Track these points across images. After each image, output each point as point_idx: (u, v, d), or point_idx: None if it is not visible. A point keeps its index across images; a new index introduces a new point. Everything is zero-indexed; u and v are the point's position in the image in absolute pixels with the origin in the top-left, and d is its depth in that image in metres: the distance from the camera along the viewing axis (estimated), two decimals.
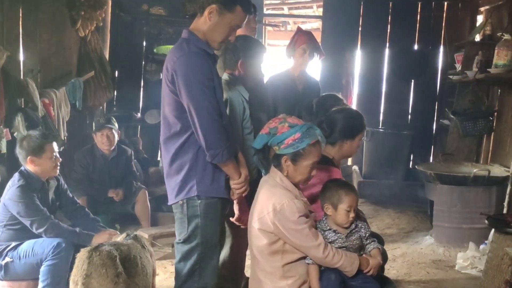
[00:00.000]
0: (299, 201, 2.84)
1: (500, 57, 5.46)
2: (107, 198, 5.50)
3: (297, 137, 2.83)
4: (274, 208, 2.79)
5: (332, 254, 2.82)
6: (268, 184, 2.93)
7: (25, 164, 3.99)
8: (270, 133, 2.87)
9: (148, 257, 3.10)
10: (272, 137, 2.86)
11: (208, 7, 2.94)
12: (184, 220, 2.98)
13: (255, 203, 2.94)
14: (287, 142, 2.84)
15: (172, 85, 2.88)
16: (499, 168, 5.77)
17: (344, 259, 2.84)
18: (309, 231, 2.80)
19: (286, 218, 2.78)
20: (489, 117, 6.24)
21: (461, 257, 5.02)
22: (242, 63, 3.51)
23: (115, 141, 5.65)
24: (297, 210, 2.78)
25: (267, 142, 2.88)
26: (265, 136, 2.88)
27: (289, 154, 2.85)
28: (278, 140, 2.85)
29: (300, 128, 2.85)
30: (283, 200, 2.80)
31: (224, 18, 2.96)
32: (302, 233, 2.79)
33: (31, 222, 3.81)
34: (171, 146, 2.98)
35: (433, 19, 7.97)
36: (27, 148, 3.95)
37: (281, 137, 2.84)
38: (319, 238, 2.84)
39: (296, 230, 2.79)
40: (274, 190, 2.87)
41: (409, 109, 8.21)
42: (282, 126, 2.87)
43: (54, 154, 4.02)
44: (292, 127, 2.86)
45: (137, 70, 7.60)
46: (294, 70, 4.76)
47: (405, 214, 6.77)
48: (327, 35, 8.11)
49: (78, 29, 6.27)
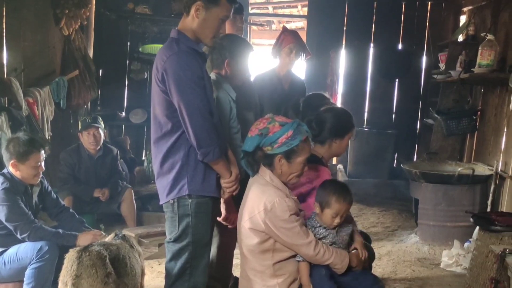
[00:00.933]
0: (290, 199, 2.85)
1: (483, 57, 5.51)
2: (93, 198, 5.46)
3: (290, 134, 2.84)
4: (265, 207, 2.80)
5: (323, 251, 2.84)
6: (258, 183, 2.93)
7: (8, 166, 3.94)
8: (262, 134, 2.86)
9: (137, 256, 3.09)
10: (264, 138, 2.86)
11: (193, 5, 2.93)
12: (175, 219, 2.97)
13: (245, 202, 2.94)
14: (281, 141, 2.84)
15: (162, 84, 2.87)
16: (482, 166, 5.84)
17: (334, 256, 2.87)
18: (300, 229, 2.81)
19: (277, 216, 2.79)
20: (473, 116, 6.29)
21: (446, 255, 5.07)
22: (228, 62, 3.49)
23: (101, 140, 5.61)
24: (288, 209, 2.79)
25: (258, 144, 2.87)
26: (257, 138, 2.87)
27: (283, 153, 2.86)
28: (271, 140, 2.85)
29: (291, 126, 2.87)
30: (274, 198, 2.80)
31: (211, 12, 2.95)
32: (293, 231, 2.80)
33: (14, 227, 3.77)
34: (162, 146, 2.96)
35: (417, 19, 8.05)
36: (12, 152, 3.88)
37: (274, 136, 2.85)
38: (310, 235, 2.85)
39: (287, 228, 2.79)
40: (264, 188, 2.87)
41: (393, 108, 8.28)
42: (273, 125, 2.87)
43: (38, 163, 3.93)
44: (283, 125, 2.87)
45: (122, 69, 7.55)
46: (280, 70, 4.76)
47: (390, 212, 6.82)
48: (312, 34, 8.14)
49: (62, 27, 6.22)
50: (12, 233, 3.79)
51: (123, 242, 3.04)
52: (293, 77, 4.90)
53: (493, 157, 5.77)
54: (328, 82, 8.02)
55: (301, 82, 5.04)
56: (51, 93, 5.75)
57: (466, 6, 7.29)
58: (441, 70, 6.81)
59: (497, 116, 5.83)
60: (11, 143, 3.92)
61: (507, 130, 5.53)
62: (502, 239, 4.21)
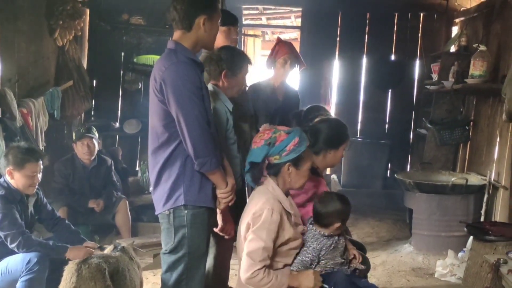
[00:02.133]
0: (278, 215, 2.82)
1: (476, 67, 5.57)
2: (88, 209, 5.44)
3: (297, 141, 2.88)
4: (255, 212, 2.82)
5: (260, 278, 2.76)
6: (260, 193, 2.94)
7: (4, 174, 3.94)
8: (270, 143, 2.88)
9: (136, 269, 3.08)
10: (272, 147, 2.88)
11: (197, 19, 2.93)
12: (171, 230, 2.96)
13: (245, 211, 2.95)
14: (289, 149, 2.87)
15: (161, 94, 2.87)
16: (475, 176, 5.87)
17: (272, 283, 2.79)
18: (262, 250, 2.76)
19: (258, 222, 2.80)
20: (466, 126, 6.34)
21: (440, 264, 5.08)
22: (225, 74, 3.51)
23: (95, 150, 5.60)
24: (269, 222, 2.78)
25: (266, 154, 2.89)
26: (265, 148, 2.88)
27: (291, 160, 2.88)
28: (279, 149, 2.87)
29: (297, 132, 2.91)
30: (265, 207, 2.81)
31: (214, 20, 3.00)
32: (256, 243, 2.77)
33: (5, 236, 3.76)
34: (159, 156, 2.96)
35: (409, 29, 8.11)
36: (9, 159, 3.90)
37: (282, 145, 2.87)
38: (261, 263, 2.77)
39: (254, 237, 2.78)
40: (262, 197, 2.88)
41: (387, 119, 8.31)
42: (279, 134, 2.90)
43: (34, 173, 3.93)
44: (289, 133, 2.90)
45: (116, 80, 7.54)
46: (274, 80, 4.79)
47: (384, 222, 6.84)
48: (305, 45, 8.19)
49: (56, 38, 6.22)
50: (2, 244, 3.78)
51: (123, 254, 3.03)
52: (287, 88, 4.93)
53: (486, 167, 5.80)
54: (322, 92, 8.07)
55: (295, 92, 5.07)
56: (45, 103, 5.74)
57: (458, 17, 7.38)
58: (434, 81, 6.86)
59: (489, 126, 5.87)
60: (11, 151, 3.94)
61: (500, 140, 5.57)
62: (496, 248, 4.25)
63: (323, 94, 8.06)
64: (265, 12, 9.43)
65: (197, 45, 3.00)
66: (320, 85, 8.06)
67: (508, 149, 5.23)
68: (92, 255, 2.87)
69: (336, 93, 8.28)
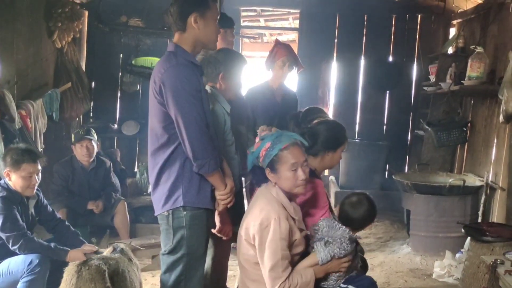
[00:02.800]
0: (287, 222, 2.82)
1: (473, 69, 5.59)
2: (87, 210, 5.45)
3: (268, 146, 2.89)
4: (261, 223, 2.80)
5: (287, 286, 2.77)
6: (264, 197, 2.93)
7: (4, 176, 3.95)
8: (251, 152, 2.95)
9: (135, 270, 3.10)
10: (251, 155, 2.94)
11: (189, 18, 2.96)
12: (170, 231, 2.98)
13: (248, 213, 2.95)
14: (262, 154, 2.91)
15: (160, 96, 2.90)
16: (473, 177, 5.90)
17: (299, 285, 2.81)
18: (281, 261, 2.76)
19: (268, 234, 2.78)
20: (463, 127, 6.36)
21: (438, 265, 5.10)
22: (223, 76, 3.54)
23: (94, 152, 5.61)
24: (280, 232, 2.77)
25: (252, 161, 2.94)
26: (250, 157, 2.95)
27: (268, 165, 2.90)
28: (255, 156, 2.93)
29: (270, 137, 2.91)
30: (272, 216, 2.80)
31: (208, 17, 3.01)
32: (273, 257, 2.76)
33: (7, 238, 3.77)
34: (159, 158, 2.99)
35: (407, 31, 8.13)
36: (7, 161, 3.91)
37: (256, 152, 2.92)
38: (285, 273, 2.78)
39: (270, 250, 2.76)
40: (267, 204, 2.87)
41: (385, 120, 8.32)
42: (258, 142, 2.95)
43: (30, 174, 3.92)
44: (263, 139, 2.93)
45: (114, 82, 7.56)
46: (273, 82, 4.81)
47: (382, 223, 6.85)
48: (303, 46, 8.21)
49: (55, 40, 6.25)
50: (3, 245, 3.79)
51: (122, 256, 3.05)
52: (285, 89, 4.95)
53: (484, 168, 5.83)
54: (320, 94, 8.07)
55: (293, 94, 5.09)
56: (44, 105, 5.76)
57: (455, 19, 7.41)
58: (431, 82, 6.88)
59: (487, 128, 5.90)
60: (9, 152, 3.95)
61: (497, 141, 5.60)
62: (493, 249, 4.26)
63: (321, 96, 8.06)
64: (263, 14, 9.44)
65: (196, 45, 3.02)
66: (318, 87, 8.06)
67: (505, 150, 5.26)
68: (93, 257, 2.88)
69: (334, 94, 8.29)
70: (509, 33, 5.40)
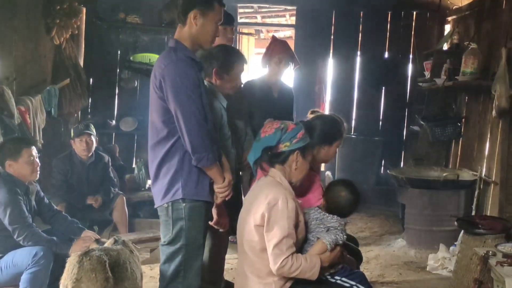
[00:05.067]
0: (294, 201, 2.89)
1: (467, 65, 5.66)
2: (86, 205, 5.51)
3: (303, 133, 3.01)
4: (269, 202, 2.85)
5: (290, 265, 2.80)
6: (267, 183, 2.98)
7: (4, 169, 4.02)
8: (282, 129, 2.96)
9: (136, 261, 3.17)
10: (284, 133, 2.96)
11: (190, 13, 3.04)
12: (169, 223, 3.05)
13: (254, 199, 2.97)
14: (299, 136, 2.98)
15: (160, 91, 2.97)
16: (467, 172, 5.97)
17: (303, 266, 2.84)
18: (286, 239, 2.80)
19: (277, 212, 2.82)
20: (457, 123, 6.44)
21: (432, 258, 5.19)
22: (216, 71, 3.60)
23: (93, 147, 5.67)
24: (287, 209, 2.82)
25: (279, 138, 2.95)
26: (278, 133, 2.96)
27: (301, 148, 2.99)
28: (291, 135, 2.97)
29: (302, 127, 3.04)
30: (279, 196, 2.85)
31: (208, 17, 3.08)
32: (280, 232, 2.79)
33: (13, 229, 3.84)
34: (158, 151, 3.06)
35: (402, 28, 8.19)
36: (5, 153, 3.99)
37: (293, 132, 2.97)
38: (289, 250, 2.81)
39: (278, 226, 2.80)
40: (273, 187, 2.93)
41: (380, 116, 8.38)
42: (289, 124, 3.01)
43: (32, 158, 4.05)
44: (297, 125, 3.03)
45: (112, 78, 7.61)
46: (269, 78, 4.86)
47: (378, 217, 6.95)
48: (299, 43, 8.27)
49: (53, 37, 6.26)
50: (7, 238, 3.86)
51: (124, 247, 3.13)
52: (282, 85, 5.00)
53: (478, 163, 5.90)
54: (316, 90, 8.16)
55: (290, 89, 5.15)
56: (43, 101, 5.80)
57: (450, 16, 7.46)
58: (426, 78, 6.94)
59: (481, 123, 5.97)
60: (4, 146, 4.06)
61: (490, 137, 5.67)
62: (486, 241, 4.34)
63: (318, 92, 8.14)
64: (260, 11, 9.50)
65: (193, 42, 3.10)
66: (315, 83, 8.14)
67: (498, 145, 5.33)
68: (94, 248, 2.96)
69: (330, 90, 8.36)
70: (502, 29, 5.47)
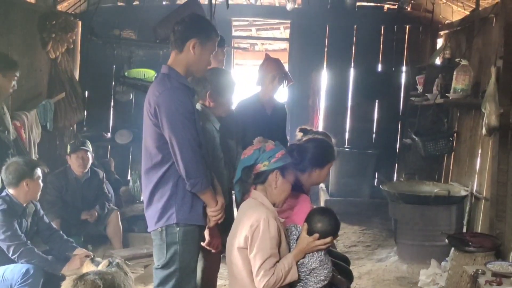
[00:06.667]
0: (275, 221, 2.93)
1: (458, 81, 5.73)
2: (80, 220, 5.55)
3: (284, 153, 3.07)
4: (252, 224, 2.90)
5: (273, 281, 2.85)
6: (249, 206, 3.04)
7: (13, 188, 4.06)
8: (260, 149, 3.04)
9: (131, 283, 3.21)
10: (262, 153, 3.04)
11: (189, 42, 3.11)
12: (163, 247, 3.10)
13: (238, 223, 3.03)
14: (278, 156, 3.03)
15: (155, 118, 3.04)
16: (458, 187, 6.03)
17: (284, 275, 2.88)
18: (269, 259, 2.85)
19: (259, 233, 2.87)
20: (449, 137, 6.48)
21: (423, 273, 5.22)
22: (210, 94, 3.66)
23: (89, 163, 5.71)
24: (269, 230, 2.88)
25: (257, 158, 3.03)
26: (256, 152, 3.04)
27: (280, 168, 3.03)
28: (269, 155, 3.03)
29: (283, 148, 3.11)
30: (261, 216, 2.91)
31: (206, 47, 3.17)
32: (262, 255, 2.85)
33: (7, 247, 3.90)
34: (152, 176, 3.12)
35: (395, 41, 8.25)
36: (21, 172, 4.05)
37: (271, 152, 3.04)
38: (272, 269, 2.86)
39: (261, 247, 2.85)
40: (256, 209, 2.98)
41: (374, 128, 8.43)
42: (268, 145, 3.08)
43: (40, 179, 4.22)
44: (276, 145, 3.10)
45: (107, 91, 7.68)
46: (263, 96, 4.90)
47: (371, 231, 6.97)
48: (294, 56, 8.32)
49: (48, 51, 6.33)
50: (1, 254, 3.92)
51: (118, 270, 3.16)
52: (275, 102, 5.05)
53: (469, 178, 5.96)
54: (310, 103, 8.20)
55: (282, 106, 5.20)
56: (38, 116, 5.84)
57: (442, 30, 7.55)
58: (418, 93, 7.01)
59: (472, 138, 6.04)
60: (12, 166, 4.16)
61: (481, 152, 5.74)
62: (476, 259, 4.41)
63: (312, 105, 8.19)
64: (255, 24, 9.57)
65: (187, 69, 3.16)
66: (309, 96, 8.19)
67: (489, 161, 5.39)
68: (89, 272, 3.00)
69: (324, 103, 8.40)
70: (493, 46, 5.53)
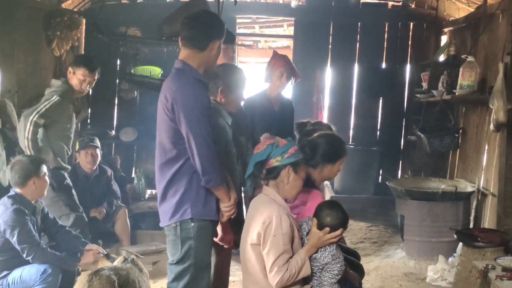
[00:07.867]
0: (288, 218, 2.95)
1: (464, 78, 5.72)
2: (89, 217, 5.54)
3: (296, 149, 3.09)
4: (264, 221, 2.92)
5: (287, 277, 2.87)
6: (262, 202, 3.06)
7: (19, 188, 4.05)
8: (273, 145, 3.05)
9: (146, 280, 3.21)
10: (275, 148, 3.05)
11: (212, 43, 3.16)
12: (178, 242, 3.10)
13: (251, 220, 3.05)
14: (290, 152, 3.05)
15: (172, 113, 3.04)
16: (465, 183, 6.03)
17: (297, 271, 2.90)
18: (282, 255, 2.88)
19: (272, 230, 2.90)
20: (455, 134, 6.47)
21: (431, 269, 5.23)
22: (222, 90, 3.66)
23: (98, 160, 5.73)
24: (281, 226, 2.90)
25: (269, 153, 3.04)
26: (269, 147, 3.05)
27: (292, 163, 3.04)
28: (281, 150, 3.04)
29: (295, 143, 3.15)
30: (273, 213, 2.93)
31: (220, 45, 3.25)
32: (275, 251, 2.87)
33: (22, 249, 3.90)
34: (166, 172, 3.12)
35: (399, 38, 8.23)
36: (27, 171, 4.04)
37: (284, 147, 3.05)
38: (286, 265, 2.88)
39: (273, 244, 2.88)
40: (268, 206, 3.00)
41: (378, 126, 8.41)
42: (281, 140, 3.09)
43: (46, 175, 4.19)
44: (289, 141, 3.11)
45: (112, 89, 7.66)
46: (271, 92, 4.91)
47: (377, 228, 6.97)
48: (297, 53, 8.30)
49: (53, 49, 6.32)
50: (15, 256, 3.91)
51: (133, 266, 3.17)
52: (282, 98, 5.07)
53: (475, 174, 5.96)
54: (314, 100, 8.19)
55: (290, 102, 5.21)
56: None
57: (447, 27, 7.54)
58: (423, 89, 7.00)
59: (478, 135, 6.03)
60: (17, 165, 4.11)
61: (488, 148, 5.73)
62: (485, 254, 4.40)
63: (316, 102, 8.18)
64: (258, 21, 9.55)
65: (202, 65, 3.19)
66: (313, 93, 8.17)
67: (496, 157, 5.39)
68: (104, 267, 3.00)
69: (328, 100, 8.38)
70: (499, 43, 5.52)
